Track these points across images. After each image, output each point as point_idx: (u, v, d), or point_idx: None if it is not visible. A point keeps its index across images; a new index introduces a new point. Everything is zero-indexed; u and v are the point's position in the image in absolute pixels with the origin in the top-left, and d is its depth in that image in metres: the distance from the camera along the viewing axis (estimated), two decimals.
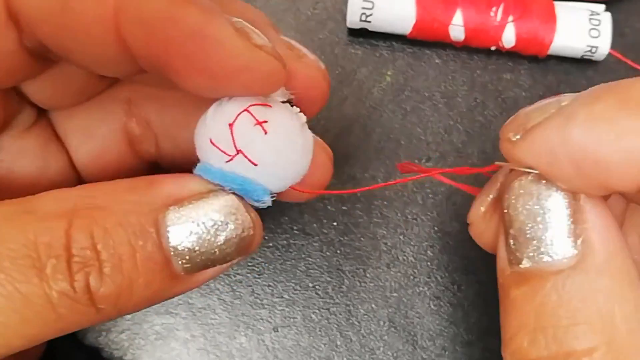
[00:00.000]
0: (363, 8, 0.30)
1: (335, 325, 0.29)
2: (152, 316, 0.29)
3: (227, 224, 0.16)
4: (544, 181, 0.17)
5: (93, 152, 0.22)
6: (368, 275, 0.30)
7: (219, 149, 0.17)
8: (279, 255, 0.29)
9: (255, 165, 0.17)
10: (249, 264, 0.30)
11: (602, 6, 0.31)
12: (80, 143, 0.22)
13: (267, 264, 0.30)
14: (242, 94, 0.18)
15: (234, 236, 0.16)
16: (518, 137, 0.16)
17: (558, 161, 0.16)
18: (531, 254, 0.17)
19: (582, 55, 0.31)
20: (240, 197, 0.18)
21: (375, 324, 0.29)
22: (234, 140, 0.17)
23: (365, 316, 0.29)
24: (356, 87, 0.31)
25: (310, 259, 0.30)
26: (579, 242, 0.16)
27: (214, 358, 0.29)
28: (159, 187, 0.17)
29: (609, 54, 0.31)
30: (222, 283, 0.29)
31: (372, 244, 0.30)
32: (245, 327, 0.29)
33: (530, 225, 0.17)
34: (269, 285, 0.30)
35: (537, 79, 0.32)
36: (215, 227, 0.16)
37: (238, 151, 0.17)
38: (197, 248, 0.16)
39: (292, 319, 0.29)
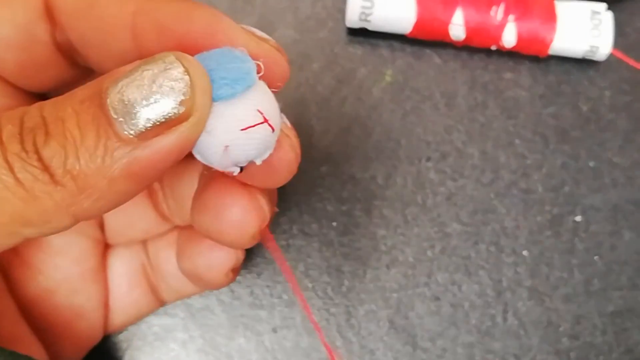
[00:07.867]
0: (363, 7, 0.30)
1: (335, 326, 0.29)
2: (150, 317, 0.29)
3: (159, 77, 0.17)
4: None
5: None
6: (368, 275, 0.29)
7: None
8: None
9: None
10: (248, 264, 0.29)
11: (604, 5, 0.31)
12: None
13: (266, 265, 0.30)
14: None
15: (168, 90, 0.17)
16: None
17: None
18: None
19: (583, 55, 0.31)
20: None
21: (375, 324, 0.29)
22: None
23: (365, 317, 0.29)
24: (356, 86, 0.31)
25: (309, 260, 0.30)
26: None
27: (212, 359, 0.29)
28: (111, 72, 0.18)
29: (611, 54, 0.31)
30: None
31: (371, 244, 0.30)
32: (244, 328, 0.29)
33: None
34: (268, 286, 0.29)
35: (538, 79, 0.32)
36: (149, 81, 0.17)
37: None
38: (128, 100, 0.17)
39: (291, 320, 0.29)
